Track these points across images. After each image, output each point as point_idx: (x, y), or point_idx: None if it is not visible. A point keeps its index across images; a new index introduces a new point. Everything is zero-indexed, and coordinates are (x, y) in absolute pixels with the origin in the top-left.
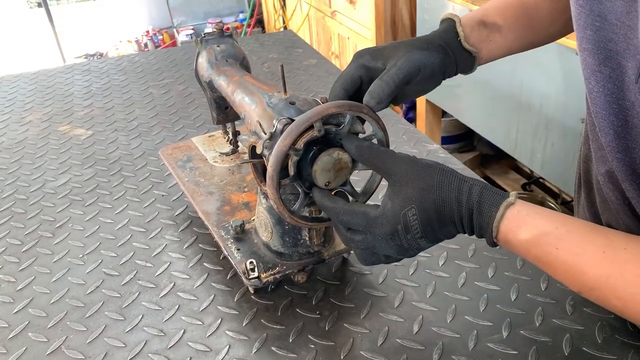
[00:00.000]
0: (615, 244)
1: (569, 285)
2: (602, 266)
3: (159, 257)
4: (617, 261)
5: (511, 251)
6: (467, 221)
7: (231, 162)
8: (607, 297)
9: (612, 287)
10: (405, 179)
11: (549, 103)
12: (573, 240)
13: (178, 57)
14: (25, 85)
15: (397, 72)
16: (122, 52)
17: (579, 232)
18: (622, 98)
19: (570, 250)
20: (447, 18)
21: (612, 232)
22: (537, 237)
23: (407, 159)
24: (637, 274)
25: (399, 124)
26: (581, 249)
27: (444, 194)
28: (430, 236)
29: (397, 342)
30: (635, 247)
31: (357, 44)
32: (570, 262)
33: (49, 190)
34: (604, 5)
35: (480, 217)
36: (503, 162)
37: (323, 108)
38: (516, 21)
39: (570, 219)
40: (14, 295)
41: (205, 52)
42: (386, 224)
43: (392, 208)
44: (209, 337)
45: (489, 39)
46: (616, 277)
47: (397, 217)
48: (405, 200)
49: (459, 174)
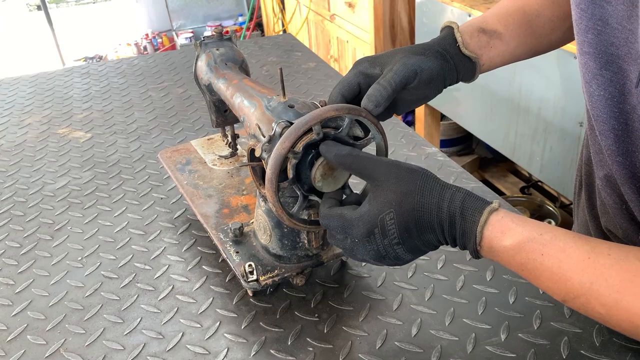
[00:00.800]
0: (599, 250)
1: (553, 294)
2: (586, 272)
3: (158, 259)
4: (601, 267)
5: (494, 260)
6: (449, 229)
7: (230, 165)
8: (592, 304)
9: (596, 293)
10: (387, 183)
11: (547, 107)
12: (558, 246)
13: (177, 60)
14: (24, 88)
15: (394, 76)
16: (122, 55)
17: (563, 238)
18: (623, 102)
19: (555, 257)
20: (446, 26)
21: (595, 239)
22: (522, 243)
23: (390, 163)
24: (621, 279)
25: (398, 127)
26: (565, 255)
27: (425, 199)
28: (408, 244)
29: (395, 345)
30: (618, 253)
31: (356, 47)
32: (554, 269)
33: (47, 193)
34: (605, 9)
35: (464, 222)
36: (502, 165)
37: (322, 111)
38: (517, 28)
39: (553, 227)
40: (12, 298)
41: (205, 55)
42: (362, 226)
43: (369, 210)
44: (208, 339)
45: (489, 46)
46: (600, 282)
47: (374, 220)
48: (384, 204)
49: (443, 182)
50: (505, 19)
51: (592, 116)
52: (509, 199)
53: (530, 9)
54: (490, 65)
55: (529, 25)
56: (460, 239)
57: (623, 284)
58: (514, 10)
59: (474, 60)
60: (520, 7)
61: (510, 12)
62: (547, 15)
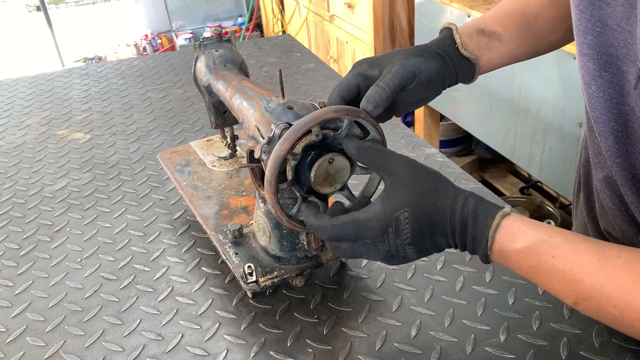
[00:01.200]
0: (609, 252)
1: (565, 297)
2: (597, 274)
3: (157, 261)
4: (612, 268)
5: (505, 265)
6: (460, 233)
7: (229, 166)
8: (604, 305)
9: (608, 294)
10: (403, 182)
11: (547, 107)
12: (569, 248)
13: (177, 61)
14: (24, 89)
15: (392, 77)
16: (121, 56)
17: (574, 240)
18: (622, 103)
19: (566, 259)
20: (445, 27)
21: (604, 242)
22: (533, 245)
23: (408, 161)
24: (632, 281)
25: (397, 128)
26: (577, 257)
27: (439, 202)
28: (418, 245)
29: (395, 346)
30: (628, 255)
31: (356, 48)
32: (566, 271)
33: (47, 194)
34: (605, 10)
35: (476, 226)
36: (501, 165)
37: (321, 113)
38: (516, 29)
39: (563, 230)
40: (11, 300)
41: (204, 56)
42: (377, 225)
43: (383, 209)
44: (207, 341)
45: (488, 47)
46: (611, 284)
47: (389, 218)
48: (400, 203)
49: (456, 186)
50: (505, 20)
51: (592, 117)
52: (508, 199)
53: (529, 10)
54: (490, 67)
55: (528, 26)
56: (471, 243)
57: (634, 286)
58: (513, 11)
59: (473, 62)
60: (520, 8)
61: (509, 13)
62: (546, 17)
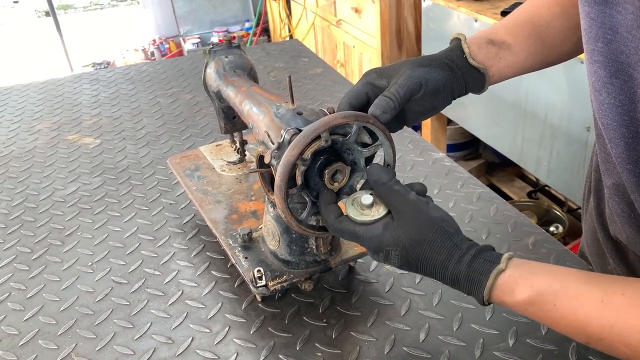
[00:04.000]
0: (612, 291)
1: (575, 338)
2: (604, 316)
3: (167, 265)
4: (617, 309)
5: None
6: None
7: (239, 171)
8: (616, 345)
9: (618, 335)
10: (404, 224)
11: (554, 111)
12: (569, 294)
13: (185, 66)
14: (34, 95)
15: (398, 88)
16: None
17: (573, 284)
18: (633, 110)
19: (568, 306)
20: (454, 38)
21: (607, 278)
22: (532, 297)
23: (415, 204)
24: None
25: (405, 133)
26: (579, 302)
27: (432, 254)
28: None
29: (403, 351)
30: (633, 291)
31: (363, 52)
32: (570, 317)
33: (58, 199)
34: (615, 18)
35: (470, 284)
36: (509, 170)
37: (330, 119)
38: (526, 39)
39: (562, 270)
40: (24, 303)
41: (214, 63)
42: (371, 246)
43: (380, 237)
44: (217, 344)
45: (498, 57)
46: (620, 324)
47: (382, 247)
48: (394, 241)
49: (457, 238)
50: (514, 30)
51: (602, 124)
52: (516, 203)
53: (540, 21)
54: (501, 77)
55: (539, 36)
56: (467, 292)
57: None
58: (523, 21)
59: (482, 71)
60: (530, 18)
61: (519, 23)
62: (557, 27)
